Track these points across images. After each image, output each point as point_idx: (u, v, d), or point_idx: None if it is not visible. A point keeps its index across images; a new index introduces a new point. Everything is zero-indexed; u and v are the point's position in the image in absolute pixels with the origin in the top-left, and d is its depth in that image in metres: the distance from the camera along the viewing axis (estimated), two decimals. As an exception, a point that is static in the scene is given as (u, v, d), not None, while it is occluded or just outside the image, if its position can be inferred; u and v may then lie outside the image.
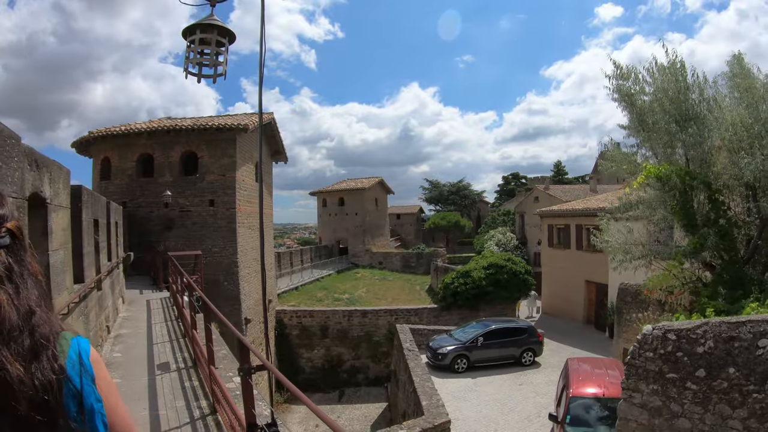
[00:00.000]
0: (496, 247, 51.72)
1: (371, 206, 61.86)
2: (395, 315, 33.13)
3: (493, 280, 32.79)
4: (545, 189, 54.47)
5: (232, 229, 25.47)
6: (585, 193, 50.71)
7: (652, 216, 16.32)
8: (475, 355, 23.65)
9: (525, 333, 24.81)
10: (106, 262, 12.81)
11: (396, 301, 41.60)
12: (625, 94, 15.46)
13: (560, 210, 37.91)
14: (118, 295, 15.76)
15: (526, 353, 24.42)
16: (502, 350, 24.09)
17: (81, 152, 28.56)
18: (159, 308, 17.10)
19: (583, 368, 15.27)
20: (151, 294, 20.22)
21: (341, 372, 32.75)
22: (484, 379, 22.47)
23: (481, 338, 23.91)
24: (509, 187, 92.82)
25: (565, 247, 36.52)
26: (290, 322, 33.09)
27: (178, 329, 13.63)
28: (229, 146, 25.50)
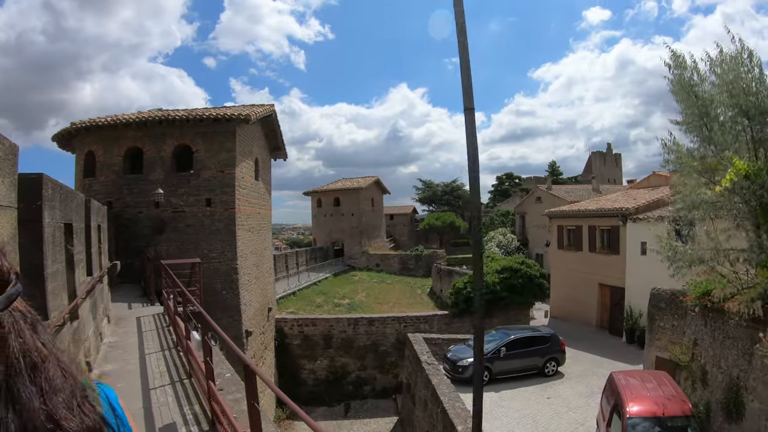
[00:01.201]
0: (497, 248, 49.37)
1: (367, 206, 59.82)
2: (404, 323, 31.01)
3: (508, 284, 30.50)
4: (548, 189, 52.13)
5: (232, 232, 22.49)
6: (588, 194, 49.25)
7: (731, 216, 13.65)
8: (498, 367, 22.00)
9: (548, 341, 23.16)
10: (85, 279, 9.61)
11: (398, 305, 40.18)
12: (686, 85, 14.03)
13: (571, 210, 36.06)
14: (103, 315, 12.58)
15: (550, 363, 22.88)
16: (525, 360, 22.53)
17: (63, 147, 25.61)
18: (152, 329, 13.97)
19: (633, 383, 13.93)
20: (142, 309, 17.18)
21: (346, 384, 30.32)
22: (509, 392, 20.88)
23: (504, 348, 22.24)
24: (503, 187, 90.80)
25: (577, 248, 34.75)
26: (291, 332, 30.43)
27: (179, 361, 10.50)
28: (227, 139, 22.54)
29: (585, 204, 36.76)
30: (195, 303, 8.75)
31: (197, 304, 8.59)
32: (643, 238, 27.02)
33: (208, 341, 6.66)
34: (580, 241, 34.16)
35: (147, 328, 13.91)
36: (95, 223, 11.60)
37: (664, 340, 17.21)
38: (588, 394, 20.07)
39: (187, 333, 9.16)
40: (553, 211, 38.81)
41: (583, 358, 24.84)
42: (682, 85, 14.05)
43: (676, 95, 14.32)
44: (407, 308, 38.84)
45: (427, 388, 17.89)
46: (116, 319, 14.85)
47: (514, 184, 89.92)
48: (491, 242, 51.83)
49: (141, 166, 22.86)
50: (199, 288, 17.78)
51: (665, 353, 17.01)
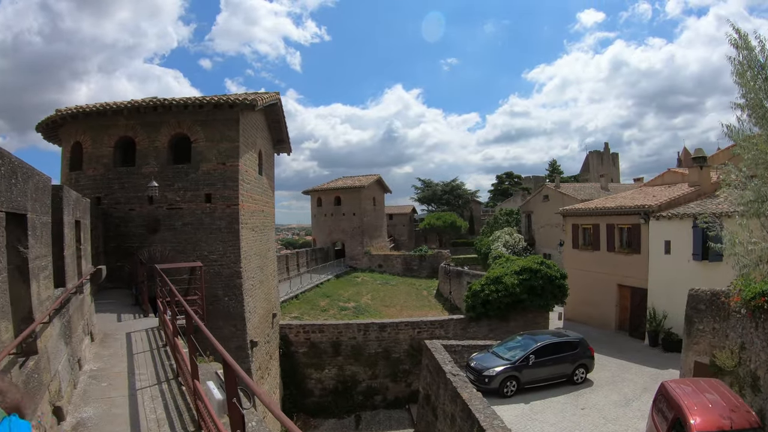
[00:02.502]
0: (504, 249, 46.80)
1: (369, 206, 57.72)
2: (418, 328, 28.51)
3: (528, 286, 27.92)
4: (556, 187, 49.64)
5: (234, 231, 19.86)
6: (597, 192, 47.16)
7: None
8: (526, 376, 20.25)
9: (577, 347, 21.49)
10: (51, 293, 6.83)
11: (405, 308, 38.38)
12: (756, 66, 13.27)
13: (588, 208, 33.82)
14: (83, 334, 9.80)
15: (579, 370, 21.20)
16: (554, 368, 20.82)
17: (49, 138, 23.11)
18: (145, 349, 11.14)
19: (691, 394, 12.56)
20: (133, 322, 14.33)
21: (356, 394, 27.85)
22: (539, 403, 19.11)
23: (533, 356, 20.47)
24: (503, 186, 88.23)
25: (594, 248, 32.57)
26: (297, 339, 27.84)
27: (181, 401, 7.73)
28: (230, 128, 19.95)
29: (603, 201, 34.87)
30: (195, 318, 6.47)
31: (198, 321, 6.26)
32: (667, 237, 25.87)
33: (239, 405, 3.85)
34: (598, 240, 32.16)
35: (139, 348, 11.10)
36: (71, 218, 8.85)
37: (704, 344, 16.40)
38: (623, 403, 18.63)
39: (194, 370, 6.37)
40: (568, 209, 36.71)
41: (609, 363, 23.19)
42: (750, 66, 13.24)
43: (738, 78, 13.49)
44: (415, 311, 37.15)
45: (455, 402, 16.02)
46: (102, 335, 12.04)
47: (514, 183, 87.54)
48: (497, 242, 49.28)
49: (133, 158, 20.29)
50: (200, 297, 14.96)
51: (705, 358, 16.11)
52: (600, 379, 21.35)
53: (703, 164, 27.80)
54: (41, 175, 6.27)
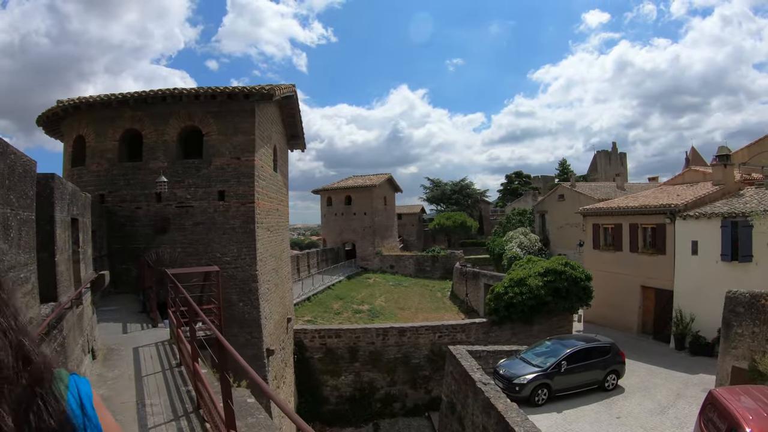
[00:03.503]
0: (519, 249, 45.32)
1: (380, 205, 56.22)
2: (438, 332, 26.95)
3: (552, 288, 26.52)
4: (572, 186, 48.10)
5: (250, 231, 18.18)
6: (614, 191, 46.03)
7: None
8: (558, 383, 19.09)
9: (608, 352, 20.36)
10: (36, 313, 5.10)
11: (420, 310, 37.09)
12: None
13: (610, 208, 32.57)
14: (83, 352, 8.09)
15: (610, 376, 20.11)
16: (586, 374, 19.71)
17: (50, 132, 21.56)
18: (156, 369, 9.39)
19: (745, 404, 11.60)
20: (141, 333, 12.58)
21: (374, 401, 26.26)
22: (572, 412, 18.05)
23: (565, 362, 19.26)
24: (512, 186, 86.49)
25: (616, 248, 31.38)
26: (312, 344, 26.16)
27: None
28: (245, 120, 18.28)
29: (625, 200, 33.50)
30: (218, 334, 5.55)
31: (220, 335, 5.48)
32: (694, 237, 24.88)
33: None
34: (620, 240, 30.95)
35: (149, 368, 9.31)
36: (65, 214, 7.16)
37: (743, 349, 15.90)
38: (658, 410, 17.72)
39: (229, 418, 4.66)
40: (589, 208, 35.38)
41: (636, 368, 22.14)
42: None
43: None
44: (431, 314, 36.03)
45: (488, 413, 14.98)
46: (105, 351, 10.29)
47: (523, 182, 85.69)
48: (511, 243, 47.75)
49: (140, 153, 18.63)
50: (218, 305, 13.17)
51: (743, 362, 15.59)
52: (630, 385, 20.32)
53: (727, 162, 26.92)
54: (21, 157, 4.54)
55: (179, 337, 9.16)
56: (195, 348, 6.91)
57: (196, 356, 6.92)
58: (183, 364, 9.02)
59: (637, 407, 18.21)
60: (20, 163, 4.46)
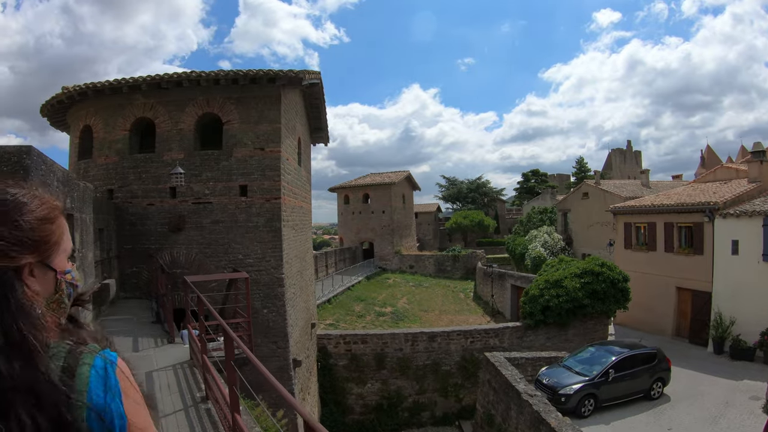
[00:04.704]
0: (542, 249, 43.36)
1: (399, 203, 54.35)
2: (471, 338, 25.15)
3: (590, 290, 24.73)
4: (596, 184, 45.93)
5: (275, 230, 16.14)
6: (639, 189, 43.60)
7: None
8: (605, 392, 17.73)
9: (654, 359, 18.98)
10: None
11: (444, 312, 35.75)
12: None
13: (643, 206, 30.83)
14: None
15: (656, 384, 18.73)
16: (633, 383, 18.30)
17: (56, 124, 19.88)
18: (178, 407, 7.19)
19: None
20: (155, 352, 10.34)
21: (401, 410, 24.47)
22: (620, 423, 16.94)
23: (612, 370, 17.85)
24: (529, 184, 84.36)
25: (650, 248, 29.59)
26: (336, 351, 24.36)
27: None
28: (270, 107, 16.26)
29: (659, 198, 31.70)
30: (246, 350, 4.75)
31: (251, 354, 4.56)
32: (734, 236, 23.58)
33: None
34: (654, 239, 29.27)
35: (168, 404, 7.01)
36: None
37: None
38: (710, 420, 16.65)
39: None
40: (620, 206, 33.48)
41: (677, 373, 20.31)
42: None
43: None
44: (455, 316, 34.74)
45: (537, 429, 13.95)
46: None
47: (540, 181, 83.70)
48: (534, 242, 45.71)
49: (152, 144, 16.63)
50: (247, 319, 11.06)
51: None
52: (675, 392, 19.01)
53: (763, 159, 25.60)
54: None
55: (204, 365, 7.04)
56: (235, 395, 4.85)
57: (236, 404, 4.87)
58: (210, 399, 6.99)
59: (686, 417, 17.13)
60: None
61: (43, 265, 1.40)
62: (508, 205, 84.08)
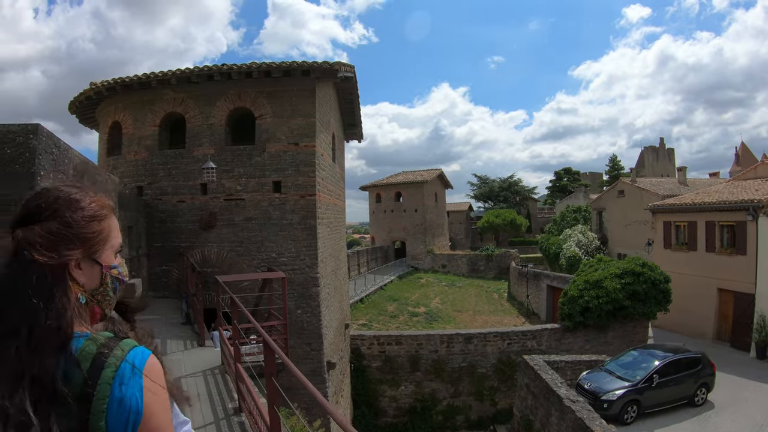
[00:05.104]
0: (577, 248, 42.41)
1: (431, 202, 53.52)
2: (508, 340, 24.31)
3: (630, 291, 23.77)
4: (632, 182, 44.80)
5: (310, 228, 15.44)
6: (676, 187, 42.37)
7: None
8: (649, 399, 16.99)
9: (699, 363, 18.22)
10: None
11: (478, 313, 34.96)
12: None
13: (683, 204, 29.93)
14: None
15: (700, 390, 18.00)
16: (677, 389, 17.57)
17: (85, 121, 19.47)
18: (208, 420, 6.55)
19: None
20: (185, 356, 9.80)
21: (435, 414, 23.73)
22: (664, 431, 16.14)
23: (656, 375, 17.08)
24: (561, 183, 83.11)
25: (690, 248, 28.76)
26: (369, 352, 23.66)
27: None
28: (304, 100, 15.56)
29: (700, 196, 30.56)
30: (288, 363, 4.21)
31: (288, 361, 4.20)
32: None
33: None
34: (694, 239, 28.40)
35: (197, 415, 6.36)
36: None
37: None
38: (756, 429, 16.04)
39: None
40: (659, 204, 32.57)
41: (720, 379, 19.52)
42: None
43: None
44: (490, 317, 33.91)
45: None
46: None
47: (573, 179, 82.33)
48: (569, 241, 44.69)
49: (183, 139, 16.09)
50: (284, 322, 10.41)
51: None
52: (719, 399, 18.27)
53: None
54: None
55: (238, 374, 6.38)
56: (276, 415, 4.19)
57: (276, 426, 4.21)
58: (244, 411, 6.36)
59: (731, 425, 16.46)
60: None
61: (90, 260, 1.47)
62: (540, 204, 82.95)
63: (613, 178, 73.12)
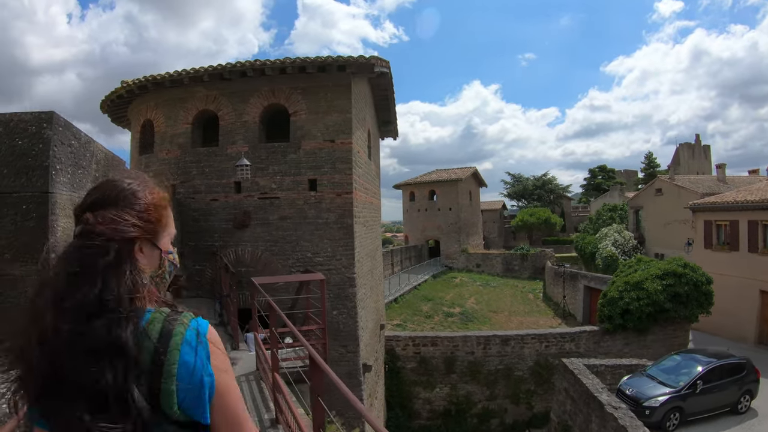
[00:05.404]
0: (614, 248, 41.36)
1: (465, 200, 52.76)
2: (545, 342, 23.73)
3: (672, 293, 22.98)
4: (670, 179, 43.58)
5: (347, 227, 14.98)
6: (716, 184, 41.10)
7: None
8: (692, 406, 16.29)
9: (743, 369, 17.51)
10: None
11: (514, 314, 34.38)
12: None
13: (725, 203, 29.03)
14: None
15: (744, 397, 17.30)
16: (721, 395, 16.87)
17: (117, 120, 19.23)
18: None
19: None
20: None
21: (470, 417, 23.13)
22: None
23: (700, 381, 16.40)
24: (596, 181, 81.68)
25: (731, 248, 28.08)
26: (404, 353, 23.18)
27: None
28: (339, 96, 15.09)
29: (742, 194, 29.63)
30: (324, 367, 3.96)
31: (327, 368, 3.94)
32: None
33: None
34: (736, 239, 27.66)
35: None
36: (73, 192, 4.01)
37: None
38: None
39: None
40: (700, 203, 31.65)
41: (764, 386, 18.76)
42: None
43: None
44: (525, 318, 33.42)
45: None
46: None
47: (608, 177, 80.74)
48: (605, 240, 43.63)
49: (215, 137, 15.75)
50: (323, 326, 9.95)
51: None
52: (761, 406, 17.64)
53: None
54: None
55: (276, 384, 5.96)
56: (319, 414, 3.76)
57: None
58: (281, 423, 5.94)
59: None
60: None
61: (151, 244, 1.59)
62: (574, 202, 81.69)
63: (648, 176, 71.62)
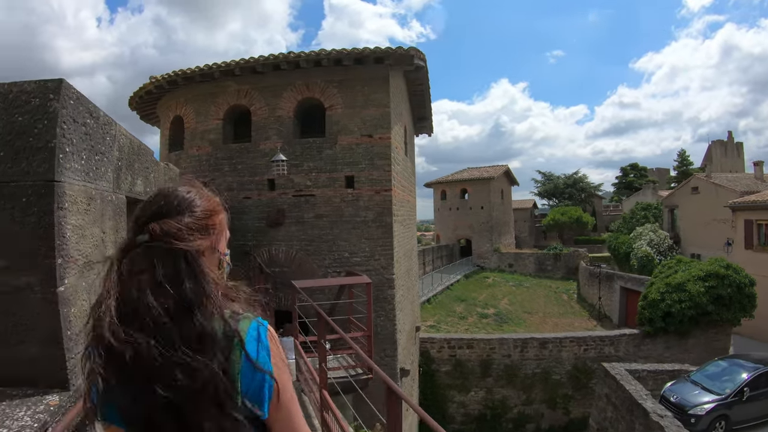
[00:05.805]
0: (649, 248, 40.19)
1: (497, 199, 51.93)
2: (584, 345, 22.84)
3: (714, 295, 22.06)
4: (707, 177, 42.29)
5: (386, 226, 14.25)
6: (753, 182, 39.88)
7: None
8: (738, 414, 15.50)
9: None
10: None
11: (548, 315, 33.65)
12: None
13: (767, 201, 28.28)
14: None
15: None
16: (766, 403, 15.90)
17: (145, 117, 18.75)
18: None
19: None
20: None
21: (505, 421, 22.43)
22: None
23: (747, 388, 15.62)
24: (628, 179, 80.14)
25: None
26: (439, 355, 22.44)
27: None
28: (377, 89, 14.33)
29: None
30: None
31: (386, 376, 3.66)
32: None
33: None
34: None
35: None
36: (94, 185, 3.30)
37: None
38: None
39: None
40: (740, 201, 30.84)
41: None
42: None
43: None
44: (560, 319, 32.60)
45: None
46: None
47: (640, 175, 79.03)
48: (640, 240, 42.46)
49: (247, 133, 15.16)
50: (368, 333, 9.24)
51: None
52: None
53: None
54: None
55: (324, 402, 5.23)
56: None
57: None
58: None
59: None
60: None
61: (212, 248, 1.67)
62: (605, 201, 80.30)
63: (681, 173, 70.12)
